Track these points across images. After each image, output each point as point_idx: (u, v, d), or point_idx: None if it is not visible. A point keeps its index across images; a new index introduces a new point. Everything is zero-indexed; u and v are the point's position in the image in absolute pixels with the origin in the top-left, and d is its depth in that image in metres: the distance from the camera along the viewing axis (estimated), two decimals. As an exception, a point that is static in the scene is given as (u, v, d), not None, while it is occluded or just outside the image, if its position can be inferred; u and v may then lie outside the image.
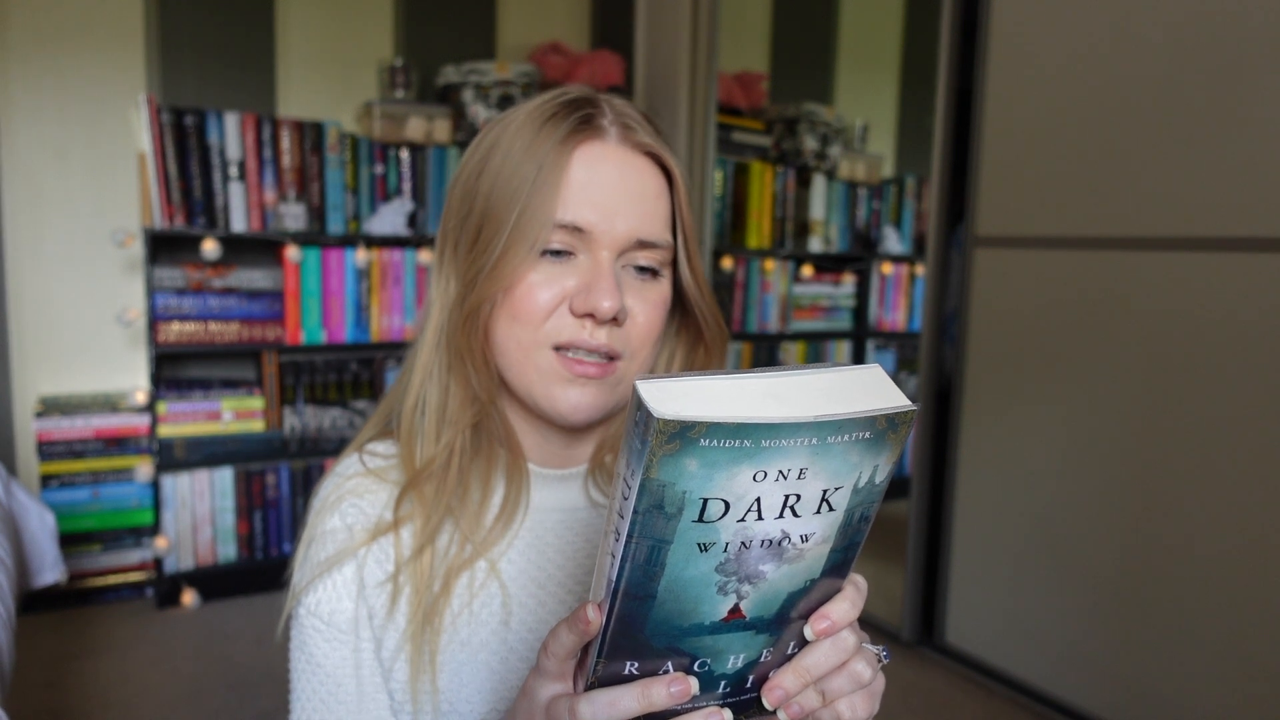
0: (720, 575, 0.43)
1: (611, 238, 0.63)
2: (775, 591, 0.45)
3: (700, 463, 0.38)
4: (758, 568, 0.43)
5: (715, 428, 0.36)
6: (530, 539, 0.69)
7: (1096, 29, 1.81)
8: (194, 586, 2.46)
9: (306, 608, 0.68)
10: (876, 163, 3.46)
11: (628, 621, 0.44)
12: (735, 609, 0.44)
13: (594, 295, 0.61)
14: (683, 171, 0.67)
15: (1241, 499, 1.61)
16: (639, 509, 0.39)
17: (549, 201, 0.62)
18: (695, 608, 0.44)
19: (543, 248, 0.63)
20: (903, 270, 3.45)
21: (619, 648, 0.45)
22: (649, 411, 0.36)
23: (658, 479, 0.38)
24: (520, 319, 0.63)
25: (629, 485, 0.39)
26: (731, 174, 3.05)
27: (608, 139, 0.64)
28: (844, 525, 0.44)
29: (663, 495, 0.38)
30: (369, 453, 0.72)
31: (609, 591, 0.43)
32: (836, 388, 0.40)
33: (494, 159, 0.65)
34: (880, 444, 0.41)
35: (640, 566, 0.41)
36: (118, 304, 2.57)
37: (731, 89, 3.13)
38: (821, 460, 0.40)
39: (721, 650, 0.46)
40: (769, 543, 0.42)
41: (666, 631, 0.44)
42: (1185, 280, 1.68)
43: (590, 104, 0.65)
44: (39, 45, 2.45)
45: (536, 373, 0.64)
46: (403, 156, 2.63)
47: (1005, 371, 2.02)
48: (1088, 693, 1.87)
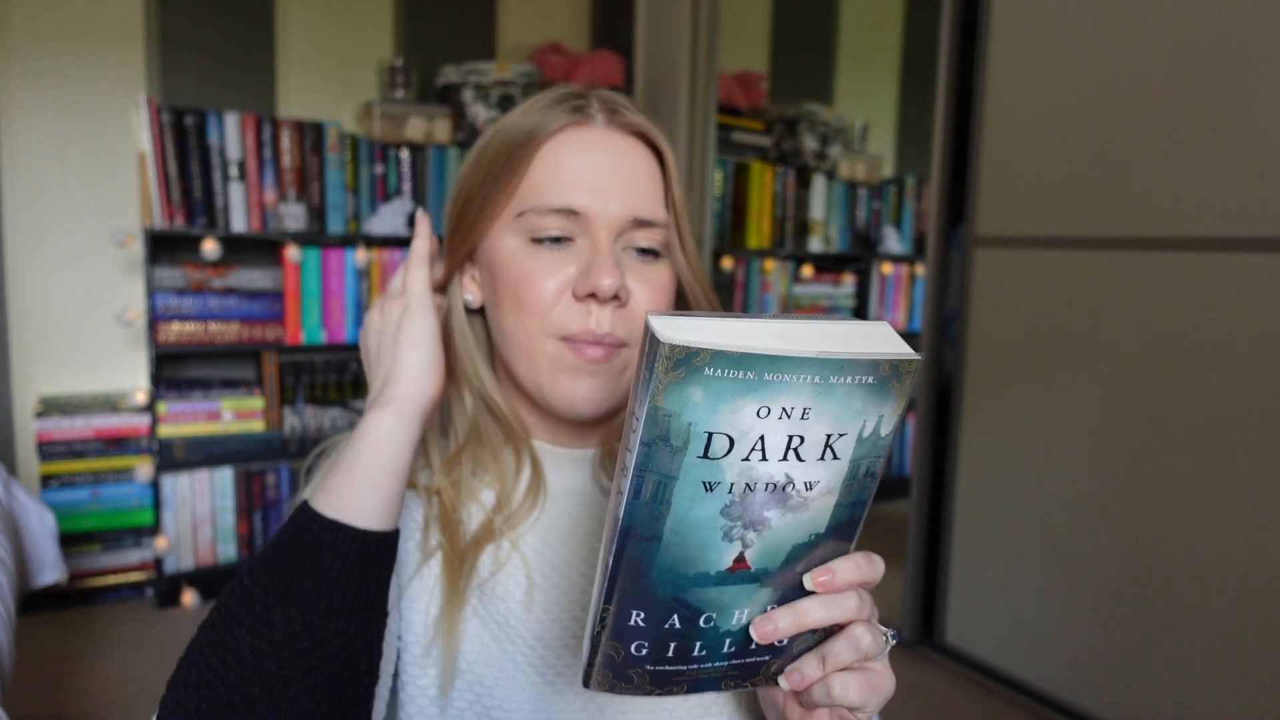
0: (725, 519, 0.44)
1: (608, 219, 0.64)
2: (780, 541, 0.45)
3: (705, 393, 0.39)
4: (762, 513, 0.44)
5: (720, 355, 0.38)
6: (547, 521, 0.70)
7: (1096, 29, 1.81)
8: (194, 586, 2.46)
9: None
10: (876, 163, 3.46)
11: (634, 565, 0.44)
12: (740, 558, 0.45)
13: (593, 275, 0.62)
14: (671, 148, 0.69)
15: (1240, 498, 1.61)
16: (645, 440, 0.40)
17: (520, 168, 0.64)
18: (701, 554, 0.44)
19: (536, 234, 0.64)
20: (903, 270, 3.45)
21: (626, 594, 0.45)
22: (657, 338, 0.38)
23: (663, 408, 0.39)
24: (527, 309, 0.64)
25: (636, 418, 0.40)
26: (731, 174, 3.05)
27: (594, 124, 0.66)
28: (849, 478, 0.45)
29: (668, 426, 0.40)
30: None
31: (616, 531, 0.44)
32: (843, 334, 0.42)
33: (484, 156, 0.68)
34: (884, 391, 0.42)
35: (646, 504, 0.42)
36: (118, 304, 2.57)
37: (731, 89, 3.13)
38: (825, 400, 0.41)
39: (727, 604, 0.47)
40: (773, 486, 0.43)
41: (672, 579, 0.45)
42: (1185, 280, 1.68)
43: (577, 95, 0.67)
44: (39, 45, 2.45)
45: (546, 362, 0.65)
46: (403, 156, 2.63)
47: (1005, 371, 2.02)
48: (1088, 693, 1.87)
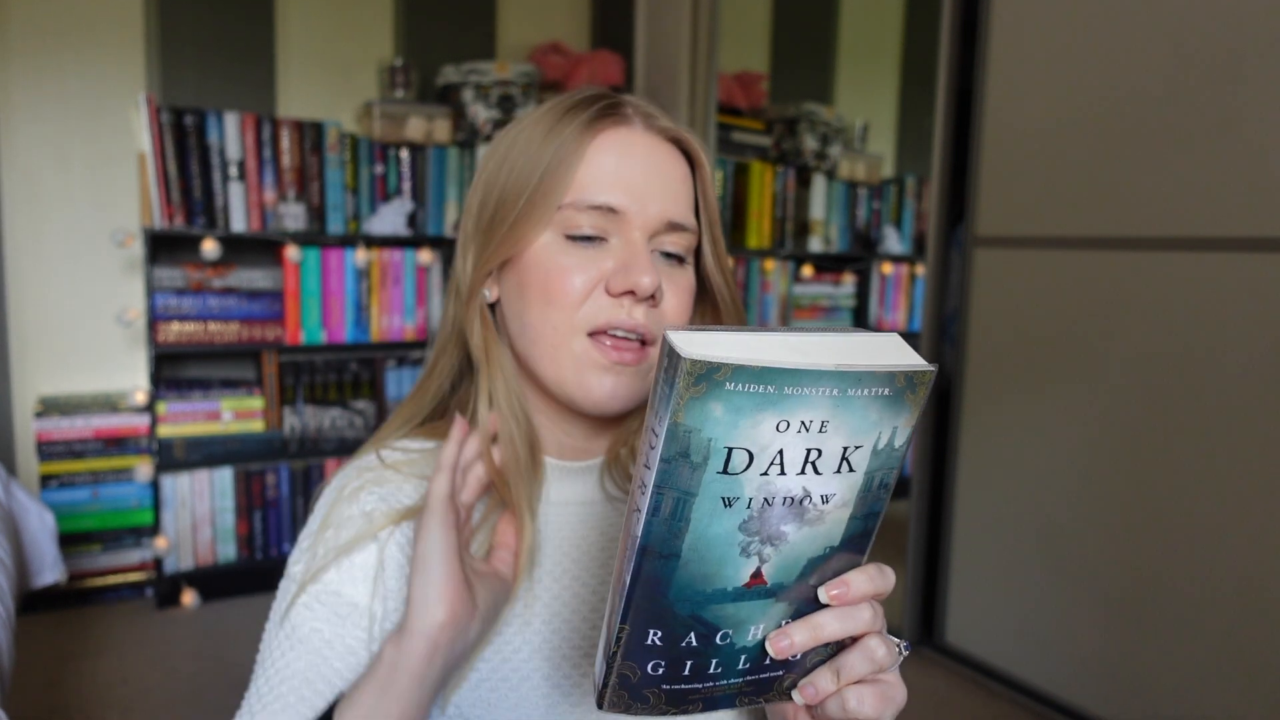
0: (743, 535, 0.43)
1: (644, 219, 0.64)
2: (796, 555, 0.45)
3: (725, 407, 0.39)
4: (779, 528, 0.44)
5: (740, 370, 0.38)
6: (548, 532, 0.69)
7: (1096, 29, 1.81)
8: (194, 586, 2.46)
9: (314, 593, 0.65)
10: (876, 163, 3.46)
11: (652, 583, 0.44)
12: (757, 573, 0.45)
13: (634, 272, 0.62)
14: (707, 155, 0.69)
15: (1240, 497, 1.61)
16: (666, 456, 0.40)
17: (566, 176, 0.63)
18: (719, 570, 0.44)
19: (571, 231, 0.64)
20: (903, 270, 3.45)
21: (643, 613, 0.45)
22: (678, 354, 0.37)
23: (684, 423, 0.39)
24: (555, 303, 0.63)
25: (655, 435, 0.40)
26: (731, 174, 3.05)
27: (633, 125, 0.66)
28: (863, 490, 0.45)
29: (689, 442, 0.39)
30: (389, 448, 0.72)
31: (633, 549, 0.43)
32: (857, 346, 0.42)
33: (513, 152, 0.66)
34: (899, 403, 0.42)
35: (665, 521, 0.42)
36: (118, 304, 2.57)
37: (731, 89, 3.13)
38: (843, 413, 0.41)
39: (743, 620, 0.47)
40: (791, 500, 0.43)
41: (690, 597, 0.45)
42: (1185, 280, 1.68)
43: (610, 97, 0.67)
44: (39, 45, 2.45)
45: (571, 359, 0.64)
46: (403, 156, 2.63)
47: (1005, 372, 2.02)
48: (1088, 693, 1.87)
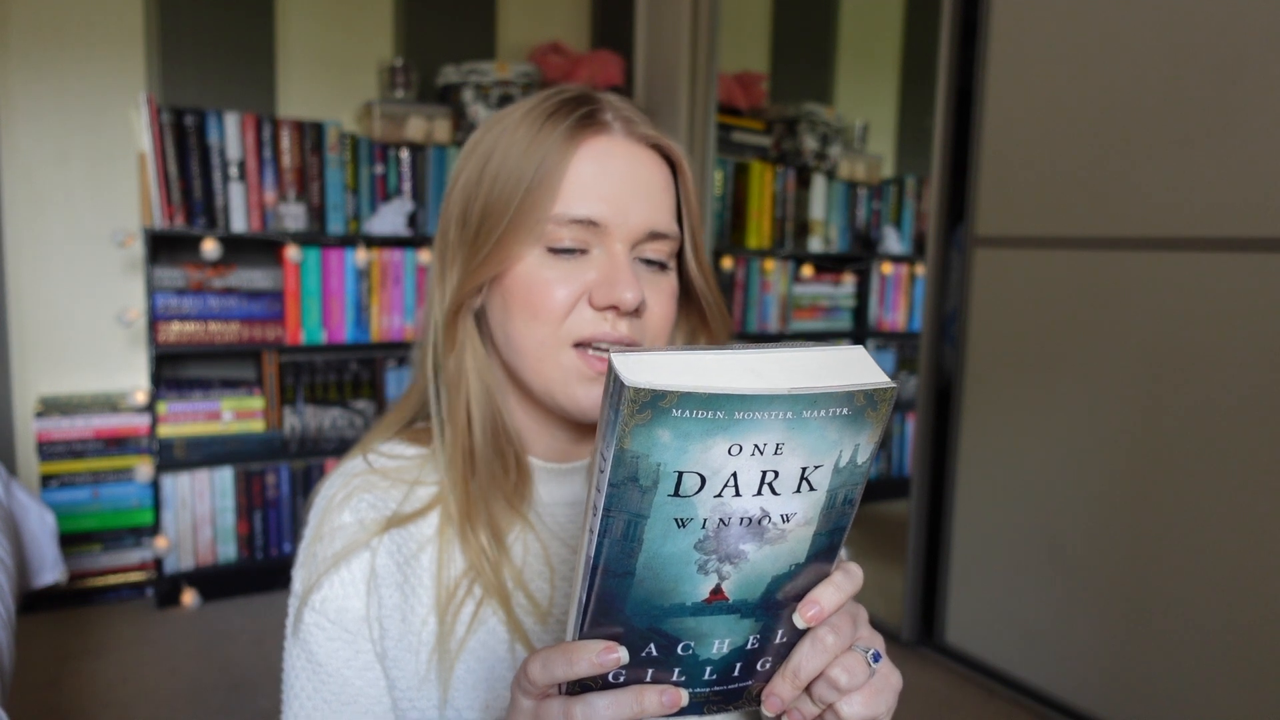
0: (700, 554, 0.42)
1: (626, 230, 0.63)
2: (759, 574, 0.44)
3: (673, 434, 0.37)
4: (738, 547, 0.42)
5: (686, 397, 0.36)
6: (539, 533, 0.69)
7: (1096, 29, 1.81)
8: (194, 586, 2.46)
9: (312, 606, 0.67)
10: (876, 163, 3.46)
11: (608, 600, 0.43)
12: (717, 589, 0.44)
13: (617, 287, 0.61)
14: (688, 159, 0.68)
15: (1240, 497, 1.61)
16: (614, 481, 0.39)
17: (550, 193, 0.62)
18: (675, 586, 0.43)
19: (553, 244, 0.63)
20: (903, 270, 3.45)
21: (600, 625, 0.44)
22: (621, 381, 0.36)
23: (630, 450, 0.38)
24: (540, 317, 0.63)
25: (604, 458, 0.39)
26: (731, 174, 3.05)
27: (613, 133, 0.64)
28: (827, 507, 0.43)
29: (636, 467, 0.38)
30: (376, 453, 0.72)
31: (588, 568, 0.43)
32: (816, 364, 0.40)
33: (493, 159, 0.65)
34: (859, 422, 0.40)
35: (617, 542, 0.41)
36: (118, 304, 2.57)
37: (731, 89, 3.13)
38: (798, 435, 0.39)
39: (705, 634, 0.46)
40: (749, 521, 0.42)
41: (647, 611, 0.44)
42: (1185, 280, 1.68)
43: (590, 100, 0.65)
44: (39, 45, 2.46)
45: (559, 371, 0.64)
46: (403, 156, 2.63)
47: (1005, 371, 2.02)
48: (1088, 693, 1.87)
